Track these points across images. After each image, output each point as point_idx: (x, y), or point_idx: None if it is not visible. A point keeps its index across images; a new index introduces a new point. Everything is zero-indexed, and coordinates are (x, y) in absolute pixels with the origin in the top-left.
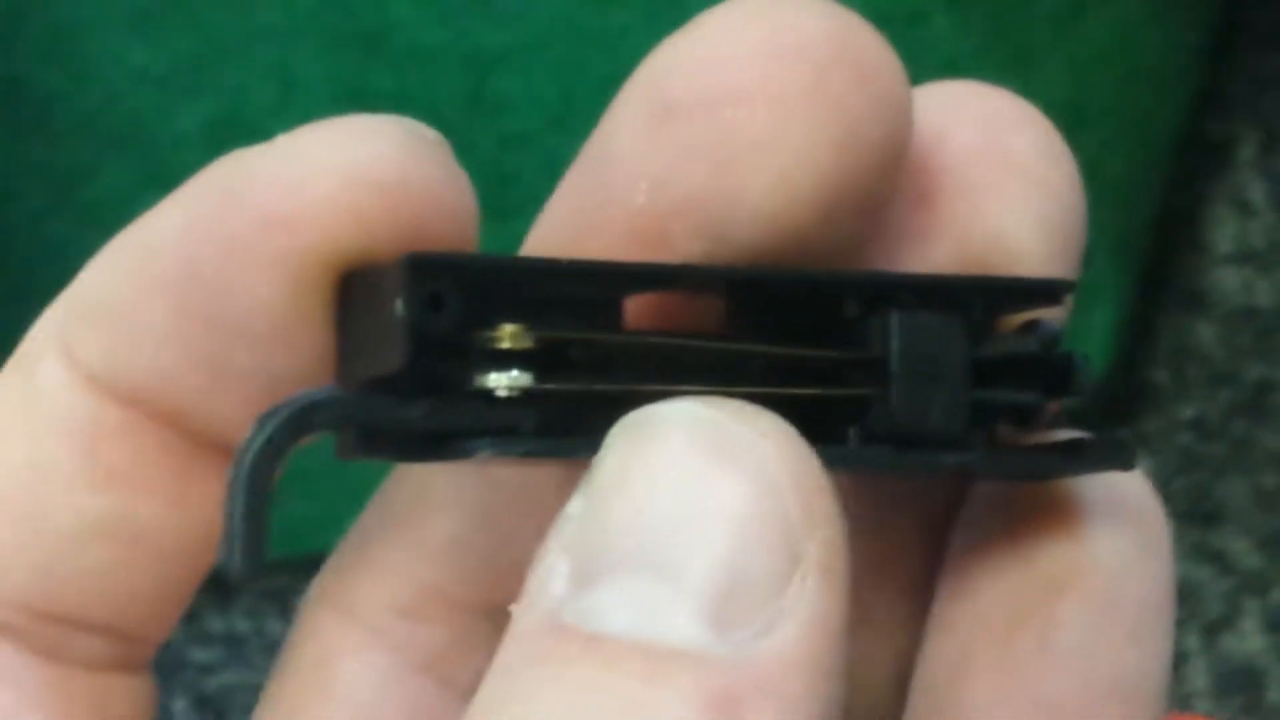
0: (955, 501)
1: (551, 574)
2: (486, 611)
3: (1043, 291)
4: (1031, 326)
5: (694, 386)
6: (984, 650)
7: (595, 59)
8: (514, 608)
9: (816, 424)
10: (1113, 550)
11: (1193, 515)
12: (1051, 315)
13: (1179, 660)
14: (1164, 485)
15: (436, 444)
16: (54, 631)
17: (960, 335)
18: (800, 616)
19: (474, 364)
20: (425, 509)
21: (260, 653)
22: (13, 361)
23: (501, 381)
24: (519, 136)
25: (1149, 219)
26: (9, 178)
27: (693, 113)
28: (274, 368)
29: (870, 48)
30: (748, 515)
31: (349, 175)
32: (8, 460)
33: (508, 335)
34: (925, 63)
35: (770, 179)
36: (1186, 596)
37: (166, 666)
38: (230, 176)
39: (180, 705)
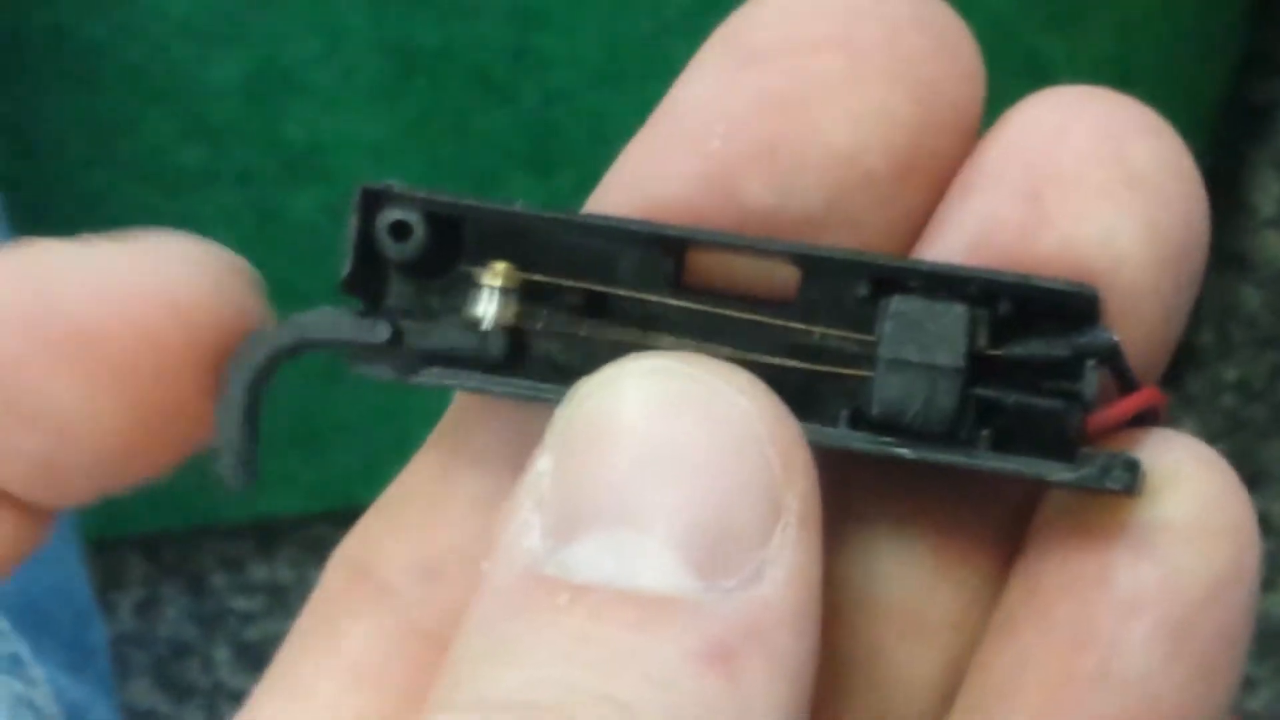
0: (1031, 507)
1: (526, 529)
2: None
3: (1067, 296)
4: (1083, 331)
5: (674, 341)
6: (1041, 666)
7: (638, 17)
8: (485, 564)
9: (815, 398)
10: (1196, 576)
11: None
12: (1151, 312)
13: None
14: None
15: (413, 365)
16: None
17: (964, 329)
18: (785, 566)
19: (465, 297)
20: (460, 466)
21: (302, 602)
22: None
23: (478, 310)
24: (562, 92)
25: None
26: (51, 128)
27: (772, 59)
28: (57, 455)
29: (944, 14)
30: (726, 465)
31: (155, 302)
32: None
33: (498, 272)
34: (969, 20)
35: (844, 118)
36: None
37: (208, 615)
38: (42, 280)
39: (222, 654)
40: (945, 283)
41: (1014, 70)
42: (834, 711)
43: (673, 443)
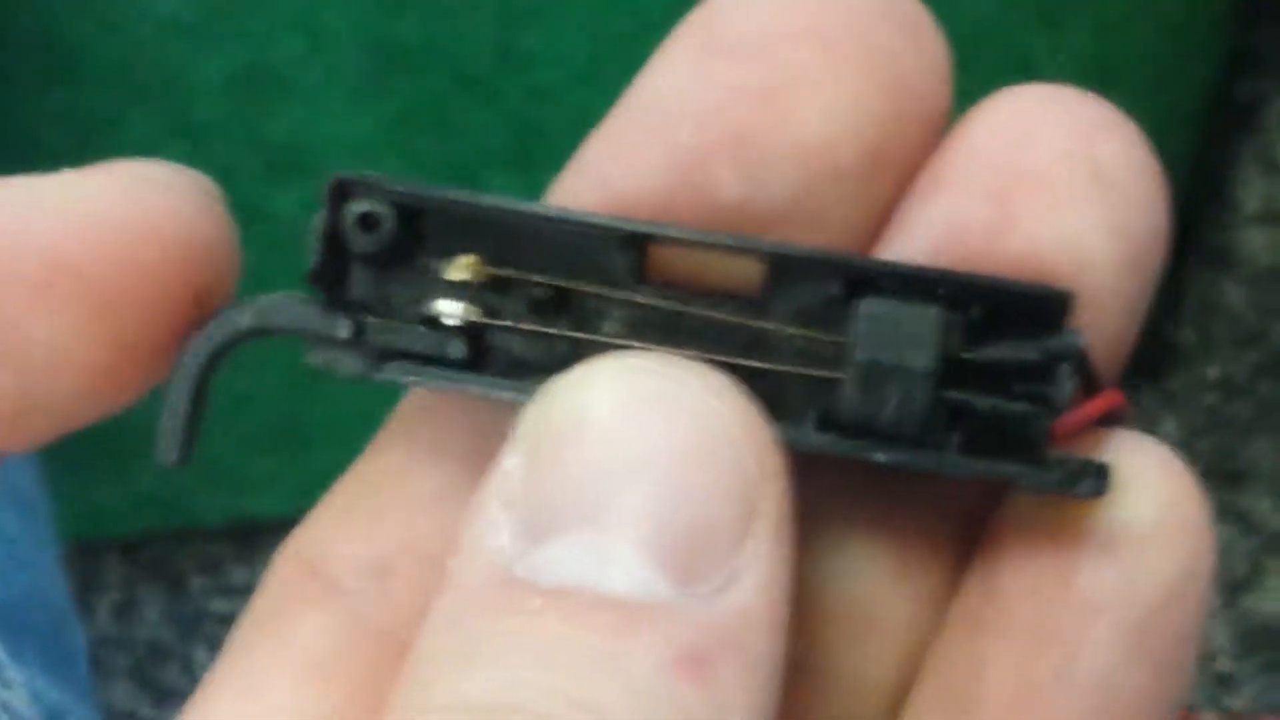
0: (986, 508)
1: (493, 528)
2: None
3: (1041, 298)
4: (1052, 334)
5: (648, 344)
6: (1001, 667)
7: (621, 16)
8: (450, 562)
9: (781, 399)
10: (1155, 578)
11: (1217, 475)
12: (1114, 313)
13: None
14: (1189, 445)
15: (375, 361)
16: None
17: (937, 332)
18: (758, 572)
19: (429, 290)
20: (414, 460)
21: None
22: None
23: (442, 309)
24: (545, 90)
25: (1176, 178)
26: (35, 125)
27: (744, 50)
28: (27, 392)
29: (913, 6)
30: (699, 468)
31: (133, 229)
32: None
33: (461, 266)
34: (952, 19)
35: (816, 110)
36: None
37: (187, 618)
38: (12, 213)
39: (202, 656)
40: (920, 284)
41: (998, 69)
42: (787, 712)
43: (645, 444)
